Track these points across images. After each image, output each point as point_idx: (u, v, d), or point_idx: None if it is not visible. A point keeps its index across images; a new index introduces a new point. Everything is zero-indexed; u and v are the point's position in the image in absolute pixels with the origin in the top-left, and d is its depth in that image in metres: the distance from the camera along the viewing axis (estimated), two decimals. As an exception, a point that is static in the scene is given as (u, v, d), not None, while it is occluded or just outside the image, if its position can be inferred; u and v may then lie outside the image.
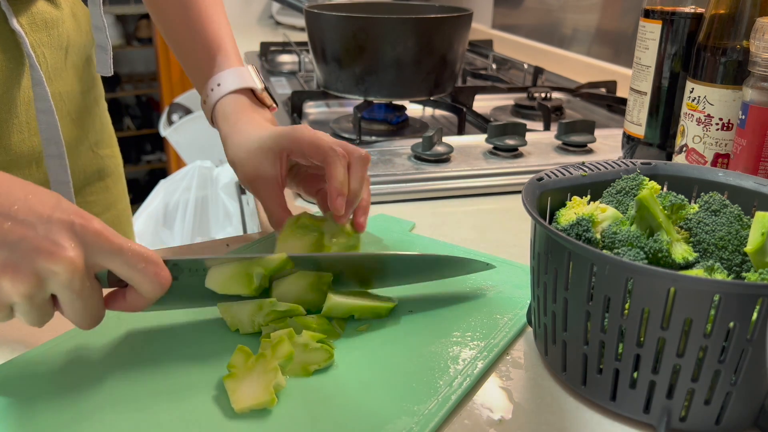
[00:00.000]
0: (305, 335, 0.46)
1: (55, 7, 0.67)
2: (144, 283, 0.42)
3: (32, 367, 0.45)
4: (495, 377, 0.45)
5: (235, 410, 0.40)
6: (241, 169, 0.59)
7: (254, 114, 0.62)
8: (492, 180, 0.79)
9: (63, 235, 0.38)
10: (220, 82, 0.63)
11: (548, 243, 0.42)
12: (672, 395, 0.39)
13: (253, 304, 0.48)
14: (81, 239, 0.39)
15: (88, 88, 0.74)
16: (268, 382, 0.41)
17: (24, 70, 0.63)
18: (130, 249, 0.41)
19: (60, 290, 0.39)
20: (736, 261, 0.42)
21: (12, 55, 0.61)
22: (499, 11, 1.91)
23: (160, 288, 0.43)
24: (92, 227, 0.40)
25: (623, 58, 1.35)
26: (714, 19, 0.66)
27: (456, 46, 0.95)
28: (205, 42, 0.66)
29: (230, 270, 0.47)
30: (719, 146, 0.67)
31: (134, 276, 0.42)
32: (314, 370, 0.44)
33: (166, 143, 2.99)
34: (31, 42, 0.63)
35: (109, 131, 0.81)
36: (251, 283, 0.47)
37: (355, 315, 0.50)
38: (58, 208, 0.39)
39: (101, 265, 0.41)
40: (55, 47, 0.66)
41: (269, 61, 1.54)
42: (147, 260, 0.42)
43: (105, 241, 0.40)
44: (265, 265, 0.48)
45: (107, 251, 0.40)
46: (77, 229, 0.39)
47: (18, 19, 0.62)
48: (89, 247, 0.39)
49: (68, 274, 0.38)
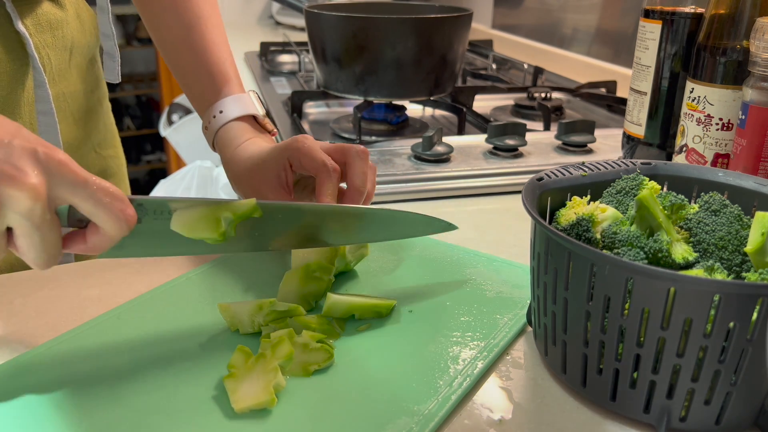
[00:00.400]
0: (305, 335, 0.46)
1: (60, 9, 0.67)
2: (108, 219, 0.40)
3: (32, 367, 0.45)
4: (495, 377, 0.45)
5: (234, 410, 0.40)
6: (247, 185, 0.60)
7: (256, 139, 0.63)
8: (492, 180, 0.79)
9: (25, 160, 0.36)
10: (222, 109, 0.64)
11: (548, 243, 0.42)
12: (672, 395, 0.39)
13: (253, 304, 0.48)
14: (44, 167, 0.37)
15: (91, 89, 0.74)
16: (267, 382, 0.41)
17: (28, 71, 0.63)
18: (96, 182, 0.39)
19: (19, 220, 0.37)
20: (736, 261, 0.42)
21: (16, 56, 0.62)
22: (499, 11, 1.91)
23: (125, 226, 0.40)
24: (57, 156, 0.38)
25: (623, 58, 1.35)
26: (714, 19, 0.66)
27: (456, 46, 0.95)
28: (207, 67, 0.66)
29: (198, 213, 0.45)
30: (719, 146, 0.67)
31: (98, 211, 0.39)
32: (314, 370, 0.44)
33: (166, 143, 2.99)
34: (36, 43, 0.63)
35: (113, 132, 0.81)
36: (219, 226, 0.45)
37: (356, 314, 0.50)
38: (19, 135, 0.37)
39: (64, 197, 0.39)
40: (60, 48, 0.67)
41: (269, 61, 1.54)
42: (112, 195, 0.40)
43: (69, 172, 0.38)
44: (233, 209, 0.46)
45: (71, 182, 0.38)
46: (41, 156, 0.37)
47: (23, 21, 0.62)
48: (53, 177, 0.37)
49: (30, 201, 0.36)
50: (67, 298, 0.54)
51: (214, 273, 0.57)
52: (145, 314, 0.51)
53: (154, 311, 0.51)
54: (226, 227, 0.46)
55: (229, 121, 0.63)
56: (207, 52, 0.66)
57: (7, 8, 0.60)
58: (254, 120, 0.65)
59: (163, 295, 0.54)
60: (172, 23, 0.67)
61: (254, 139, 0.63)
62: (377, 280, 0.56)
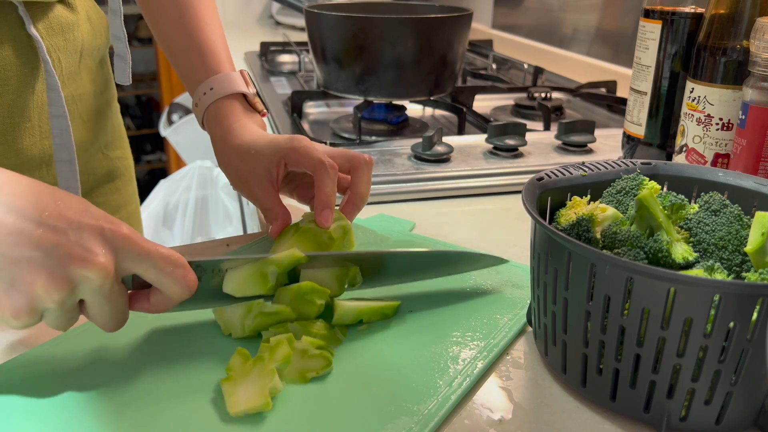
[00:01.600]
0: (305, 341, 0.45)
1: (72, 11, 0.67)
2: (171, 286, 0.43)
3: (32, 367, 0.45)
4: (495, 377, 0.45)
5: (230, 414, 0.40)
6: (234, 171, 0.60)
7: (246, 119, 0.63)
8: (492, 180, 0.79)
9: (94, 240, 0.39)
10: (212, 86, 0.64)
11: (548, 243, 0.42)
12: (672, 395, 0.39)
13: (243, 306, 0.48)
14: (111, 244, 0.40)
15: (100, 91, 0.74)
16: (264, 385, 0.41)
17: (38, 75, 0.63)
18: (158, 252, 0.42)
19: (90, 295, 0.40)
20: (736, 261, 0.42)
21: (27, 60, 0.62)
22: (499, 11, 1.91)
23: (187, 291, 0.43)
24: (121, 232, 0.40)
25: (623, 58, 1.35)
26: (714, 19, 0.66)
27: (456, 46, 0.95)
28: (198, 46, 0.66)
29: (245, 272, 0.47)
30: (719, 146, 0.67)
31: (162, 279, 0.42)
32: (311, 377, 0.44)
33: (166, 143, 2.99)
34: (48, 47, 0.63)
35: (120, 133, 0.81)
36: (267, 282, 0.48)
37: (364, 319, 0.50)
38: (88, 214, 0.40)
39: (130, 269, 0.41)
40: (71, 51, 0.67)
41: (269, 61, 1.54)
42: (174, 264, 0.42)
43: (134, 246, 0.41)
44: (278, 262, 0.48)
45: (136, 256, 0.41)
46: (107, 234, 0.40)
47: (35, 25, 0.62)
48: (119, 252, 0.40)
49: (101, 280, 0.39)
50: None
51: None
52: (145, 314, 0.51)
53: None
54: (273, 281, 0.48)
55: (218, 99, 0.63)
56: (199, 31, 0.66)
57: (20, 12, 0.60)
58: (244, 99, 0.65)
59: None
60: (166, 3, 0.68)
61: (245, 121, 0.62)
62: (377, 280, 0.56)
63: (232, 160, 0.60)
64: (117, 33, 0.69)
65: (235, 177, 0.60)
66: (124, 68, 0.71)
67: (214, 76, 0.64)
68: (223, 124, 0.62)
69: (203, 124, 0.66)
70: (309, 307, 0.49)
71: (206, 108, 0.64)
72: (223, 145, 0.61)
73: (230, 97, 0.63)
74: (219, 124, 0.63)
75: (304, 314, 0.49)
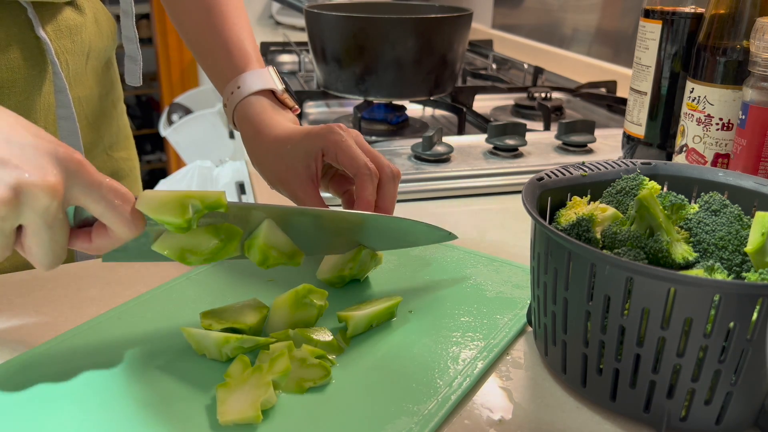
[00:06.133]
0: (304, 349, 0.44)
1: (80, 14, 0.67)
2: (118, 222, 0.41)
3: (32, 367, 0.45)
4: (495, 377, 0.45)
5: (219, 422, 0.39)
6: (271, 170, 0.59)
7: (277, 116, 0.62)
8: (492, 180, 0.79)
9: (47, 160, 0.38)
10: (240, 84, 0.63)
11: (548, 243, 0.42)
12: (672, 395, 0.39)
13: (220, 336, 0.45)
14: (64, 166, 0.38)
15: (106, 92, 0.74)
16: (257, 397, 0.40)
17: (46, 77, 0.63)
18: (109, 184, 0.40)
19: (33, 217, 0.38)
20: (736, 261, 0.42)
21: (35, 62, 0.62)
22: (499, 11, 1.91)
23: (134, 229, 0.42)
24: (75, 157, 0.39)
25: (623, 58, 1.35)
26: (714, 19, 0.66)
27: (456, 46, 0.95)
28: (226, 45, 0.65)
29: (166, 196, 0.43)
30: (719, 146, 0.67)
31: (109, 213, 0.40)
32: (309, 387, 0.43)
33: (166, 143, 2.99)
34: (55, 49, 0.63)
35: (126, 134, 0.81)
36: (185, 213, 0.43)
37: (374, 323, 0.49)
38: (41, 135, 0.39)
39: (77, 197, 0.39)
40: (78, 53, 0.67)
41: (269, 61, 1.54)
42: (124, 198, 0.41)
43: (86, 173, 0.39)
44: (201, 197, 0.44)
45: (88, 184, 0.39)
46: (60, 155, 0.38)
47: (44, 27, 0.62)
48: (70, 177, 0.39)
49: (48, 200, 0.37)
50: (67, 298, 0.54)
51: (214, 273, 0.57)
52: (145, 314, 0.51)
53: (154, 311, 0.51)
54: (192, 214, 0.44)
55: (247, 95, 0.62)
56: (227, 30, 0.66)
57: (29, 14, 0.60)
58: (274, 96, 0.64)
59: (162, 295, 0.54)
60: (191, 7, 0.67)
61: (276, 117, 0.61)
62: (377, 281, 0.56)
63: (268, 157, 0.59)
64: (128, 34, 0.69)
65: (273, 176, 0.59)
66: (134, 69, 0.71)
67: (243, 74, 0.63)
68: (254, 121, 0.61)
69: (234, 124, 0.65)
70: (309, 311, 0.48)
71: (235, 106, 0.63)
72: (256, 142, 0.60)
73: (259, 94, 0.63)
74: (249, 121, 0.62)
75: (304, 320, 0.49)
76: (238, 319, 0.47)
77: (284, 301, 0.48)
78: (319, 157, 0.56)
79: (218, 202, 0.44)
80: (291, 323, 0.48)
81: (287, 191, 0.58)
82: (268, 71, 0.64)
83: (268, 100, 0.63)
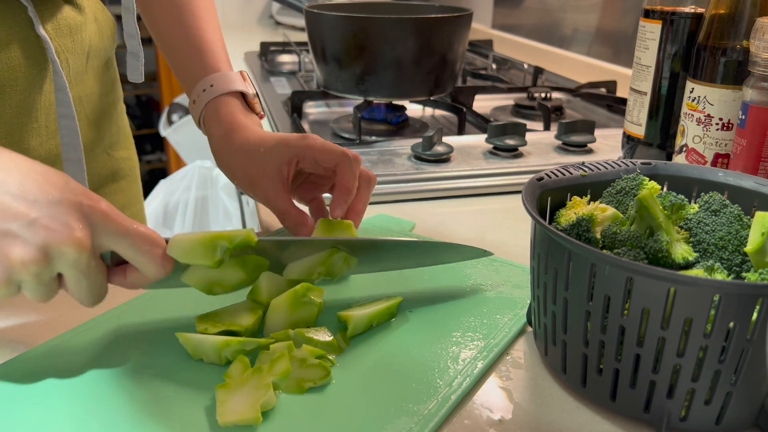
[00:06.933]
0: (304, 350, 0.44)
1: (80, 13, 0.67)
2: (148, 265, 0.43)
3: (32, 367, 0.45)
4: (495, 377, 0.45)
5: (218, 423, 0.39)
6: (241, 172, 0.59)
7: (247, 119, 0.62)
8: (492, 180, 0.79)
9: (72, 215, 0.39)
10: (213, 83, 0.63)
11: (548, 243, 0.42)
12: (672, 395, 0.39)
13: (219, 340, 0.45)
14: (89, 220, 0.40)
15: (107, 91, 0.74)
16: (257, 399, 0.40)
17: (46, 76, 0.63)
18: (136, 231, 0.42)
19: (67, 269, 0.40)
20: (736, 261, 0.42)
21: (35, 60, 0.62)
22: (499, 11, 1.91)
23: (163, 271, 0.44)
24: (100, 208, 0.41)
25: (623, 58, 1.35)
26: (714, 19, 0.66)
27: (456, 46, 0.95)
28: (197, 44, 0.66)
29: (195, 239, 0.45)
30: (719, 146, 0.67)
31: (138, 258, 0.43)
32: (309, 387, 0.43)
33: (166, 143, 2.99)
34: (56, 48, 0.63)
35: (126, 133, 0.81)
36: (214, 255, 0.45)
37: (374, 323, 0.49)
38: (68, 189, 0.40)
39: (107, 245, 0.42)
40: (78, 52, 0.67)
41: (269, 61, 1.54)
42: (152, 243, 0.43)
43: (111, 223, 0.41)
44: (229, 237, 0.45)
45: (114, 233, 0.41)
46: (85, 209, 0.40)
47: (44, 26, 0.62)
48: (96, 228, 0.41)
49: (76, 254, 0.39)
50: (67, 298, 0.54)
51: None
52: (145, 314, 0.51)
53: (153, 311, 0.51)
54: (220, 256, 0.45)
55: (217, 96, 0.62)
56: (198, 30, 0.66)
57: (29, 12, 0.60)
58: (243, 99, 0.64)
59: (162, 295, 0.54)
60: (164, 2, 0.67)
61: (245, 121, 0.62)
62: (377, 282, 0.56)
63: (237, 158, 0.59)
64: (130, 30, 0.69)
65: (242, 178, 0.59)
66: (137, 66, 0.71)
67: (214, 74, 0.63)
68: (224, 120, 0.61)
69: (200, 123, 0.65)
70: (308, 309, 0.48)
71: (205, 105, 0.63)
72: (226, 142, 0.60)
73: (230, 95, 0.63)
74: (219, 122, 0.62)
75: (304, 319, 0.48)
76: (233, 321, 0.48)
77: (283, 301, 0.48)
78: (293, 162, 0.57)
79: (247, 240, 0.46)
80: (291, 323, 0.48)
81: (258, 193, 0.58)
82: (239, 74, 0.64)
83: (238, 102, 0.63)
